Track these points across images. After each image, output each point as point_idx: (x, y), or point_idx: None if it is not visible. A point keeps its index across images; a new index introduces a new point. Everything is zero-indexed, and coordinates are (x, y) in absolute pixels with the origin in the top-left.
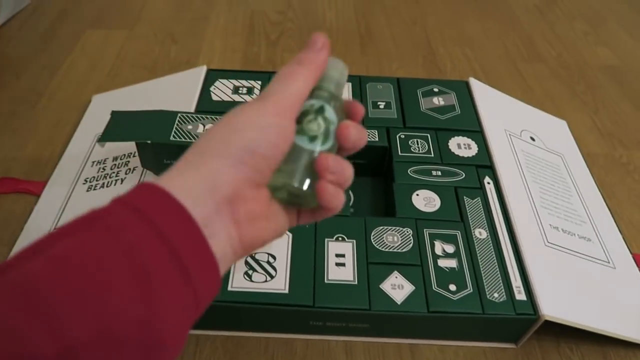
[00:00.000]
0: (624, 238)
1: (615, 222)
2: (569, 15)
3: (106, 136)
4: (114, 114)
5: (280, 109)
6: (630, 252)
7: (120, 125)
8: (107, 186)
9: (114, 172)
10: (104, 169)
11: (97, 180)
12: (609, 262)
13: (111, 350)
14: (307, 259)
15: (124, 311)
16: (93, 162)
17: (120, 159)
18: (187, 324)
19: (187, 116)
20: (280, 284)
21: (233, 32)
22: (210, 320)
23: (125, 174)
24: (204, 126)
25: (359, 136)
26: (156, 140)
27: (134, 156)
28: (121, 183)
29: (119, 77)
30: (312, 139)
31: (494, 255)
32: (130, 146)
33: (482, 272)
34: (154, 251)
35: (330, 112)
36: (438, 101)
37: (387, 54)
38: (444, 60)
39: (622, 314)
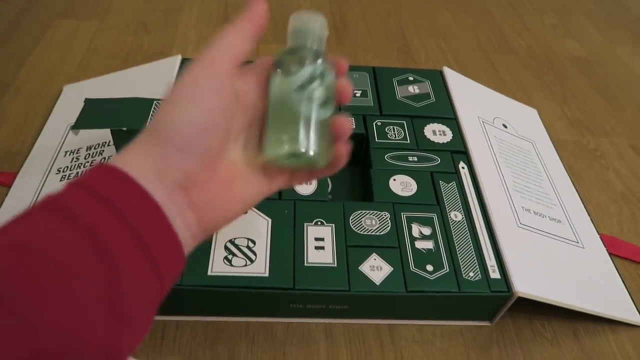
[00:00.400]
0: (591, 220)
1: (583, 204)
2: (539, 9)
3: (80, 124)
4: (88, 101)
5: (212, 68)
6: (598, 233)
7: (94, 113)
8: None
9: (87, 162)
10: (77, 158)
11: (70, 170)
12: (578, 242)
13: (80, 332)
14: (287, 244)
15: (91, 293)
16: (66, 152)
17: (95, 148)
18: (154, 304)
19: None
20: (260, 267)
21: (207, 23)
22: (190, 306)
23: (101, 163)
24: None
25: (351, 92)
26: (132, 127)
27: (108, 145)
28: None
29: (90, 68)
30: (323, 105)
31: (469, 236)
32: (104, 135)
33: (458, 252)
34: (116, 233)
35: (330, 75)
36: (413, 89)
37: (363, 45)
38: (418, 51)
39: (591, 290)
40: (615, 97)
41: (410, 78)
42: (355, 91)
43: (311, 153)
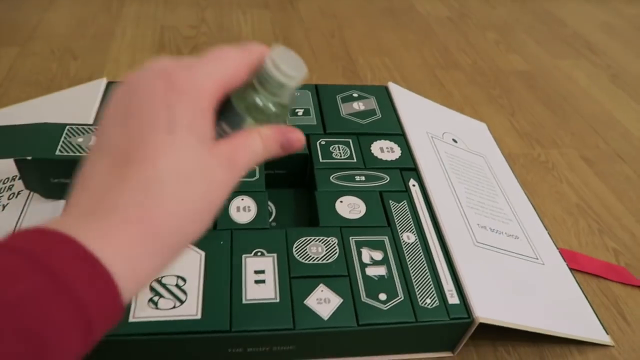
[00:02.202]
0: (549, 234)
1: (539, 218)
2: (480, 26)
3: None
4: None
5: (197, 136)
6: (557, 247)
7: None
8: None
9: None
10: None
11: None
12: (537, 259)
13: None
14: (222, 279)
15: None
16: None
17: (3, 183)
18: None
19: (78, 128)
20: (191, 309)
21: (141, 47)
22: (112, 359)
23: (9, 199)
24: None
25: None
26: (38, 156)
27: (18, 179)
28: (2, 210)
29: (7, 97)
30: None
31: (423, 259)
32: (14, 167)
33: (413, 277)
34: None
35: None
36: (358, 106)
37: (307, 66)
38: (364, 69)
39: (554, 310)
40: (561, 109)
41: (355, 95)
42: (297, 110)
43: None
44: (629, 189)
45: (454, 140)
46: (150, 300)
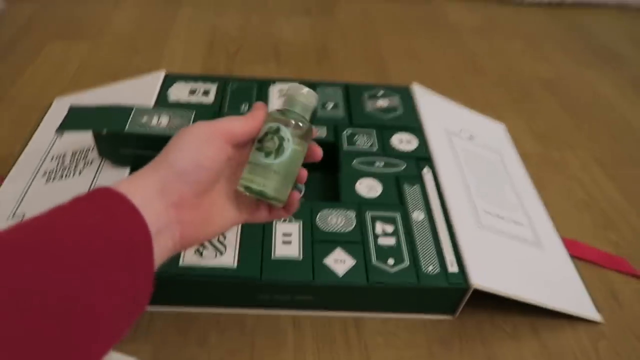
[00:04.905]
0: (553, 224)
1: (545, 210)
2: (508, 35)
3: (64, 126)
4: (72, 107)
5: (215, 131)
6: (559, 236)
7: (77, 118)
8: (65, 177)
9: (72, 165)
10: (63, 162)
11: (55, 173)
12: (538, 243)
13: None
14: (256, 238)
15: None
16: (52, 156)
17: (80, 153)
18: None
19: (143, 110)
20: (229, 260)
21: (193, 45)
22: (162, 295)
23: (84, 166)
24: (159, 117)
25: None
26: (113, 130)
27: (92, 150)
28: (79, 175)
29: (81, 84)
30: (267, 154)
31: (430, 234)
32: (88, 141)
33: (419, 248)
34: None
35: (285, 131)
36: (383, 103)
37: (341, 66)
38: (395, 72)
39: (549, 288)
40: (580, 114)
41: (380, 93)
42: (327, 104)
43: (258, 188)
44: (639, 190)
45: (471, 137)
46: (197, 250)
